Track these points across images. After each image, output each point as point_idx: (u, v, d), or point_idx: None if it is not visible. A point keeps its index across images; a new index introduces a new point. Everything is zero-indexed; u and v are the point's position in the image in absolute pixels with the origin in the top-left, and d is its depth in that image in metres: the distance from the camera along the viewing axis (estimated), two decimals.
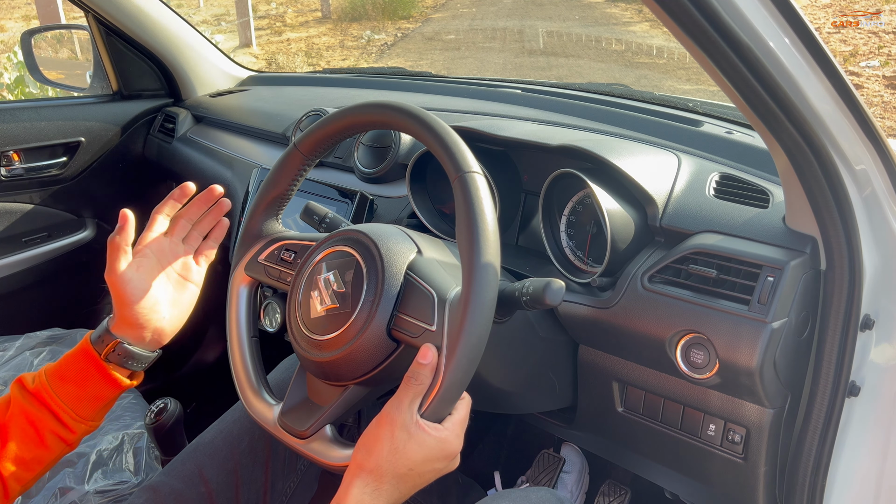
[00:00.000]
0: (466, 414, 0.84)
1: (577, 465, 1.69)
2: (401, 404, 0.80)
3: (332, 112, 0.98)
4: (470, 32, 10.21)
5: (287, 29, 11.28)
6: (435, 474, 0.82)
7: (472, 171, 0.82)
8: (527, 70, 7.85)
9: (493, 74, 7.85)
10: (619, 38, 8.41)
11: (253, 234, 1.06)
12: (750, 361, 0.94)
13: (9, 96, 5.10)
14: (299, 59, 8.99)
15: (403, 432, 0.78)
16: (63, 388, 0.93)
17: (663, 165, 1.14)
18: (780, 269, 0.94)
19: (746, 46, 0.74)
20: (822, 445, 1.01)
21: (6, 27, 10.73)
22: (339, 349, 0.86)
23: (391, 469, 0.78)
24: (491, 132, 1.24)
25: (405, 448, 0.78)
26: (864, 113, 0.87)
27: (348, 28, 11.00)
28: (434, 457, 0.80)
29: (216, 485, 1.12)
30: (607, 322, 1.07)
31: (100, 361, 0.94)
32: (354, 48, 9.82)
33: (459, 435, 0.82)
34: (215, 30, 10.44)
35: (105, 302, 2.21)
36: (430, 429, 0.79)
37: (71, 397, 0.93)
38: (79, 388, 0.94)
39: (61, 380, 0.93)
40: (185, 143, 2.02)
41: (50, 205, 1.99)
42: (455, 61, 8.59)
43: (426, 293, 0.84)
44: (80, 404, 0.93)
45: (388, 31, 10.71)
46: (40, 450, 0.91)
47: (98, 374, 0.94)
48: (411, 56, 9.09)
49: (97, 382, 0.94)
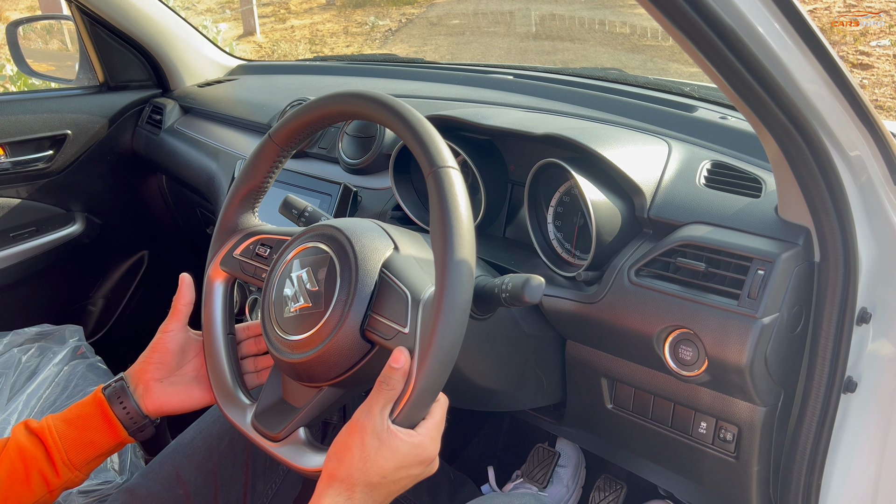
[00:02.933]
0: (442, 417, 0.81)
1: (573, 460, 1.66)
2: (371, 410, 0.77)
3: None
4: (475, 17, 10.11)
5: (291, 16, 11.21)
6: (411, 480, 0.79)
7: (446, 166, 0.78)
8: (531, 55, 7.75)
9: (498, 59, 7.77)
10: (624, 20, 8.29)
11: (228, 227, 1.03)
12: (739, 359, 0.90)
13: (12, 88, 5.09)
14: (302, 46, 8.94)
15: (374, 439, 0.75)
16: (64, 430, 0.94)
17: (652, 154, 1.10)
18: (771, 261, 0.89)
19: (729, 28, 0.70)
20: (818, 444, 0.97)
21: (11, 18, 10.71)
22: (312, 350, 0.83)
23: (363, 478, 0.76)
24: (475, 121, 1.20)
25: (377, 456, 0.75)
26: (858, 96, 0.82)
27: (352, 14, 10.91)
28: (408, 463, 0.77)
29: (194, 487, 1.09)
30: (593, 317, 1.04)
31: (105, 405, 0.95)
32: (358, 34, 9.75)
33: (435, 439, 0.79)
34: (219, 18, 10.39)
35: (95, 297, 2.19)
36: (403, 434, 0.76)
37: (68, 440, 0.93)
38: (79, 431, 0.94)
39: (64, 422, 0.94)
40: (172, 134, 1.99)
41: (37, 199, 1.97)
42: (459, 46, 8.51)
43: (400, 293, 0.81)
44: (75, 447, 0.93)
45: (392, 16, 10.62)
46: (22, 488, 0.90)
47: (101, 419, 0.95)
48: (415, 42, 9.01)
49: (98, 427, 0.95)
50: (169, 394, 0.98)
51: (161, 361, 0.98)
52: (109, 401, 0.96)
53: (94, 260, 2.14)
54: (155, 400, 0.97)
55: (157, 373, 0.98)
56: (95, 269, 2.18)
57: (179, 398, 0.98)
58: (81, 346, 1.74)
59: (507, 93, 1.58)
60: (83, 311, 2.18)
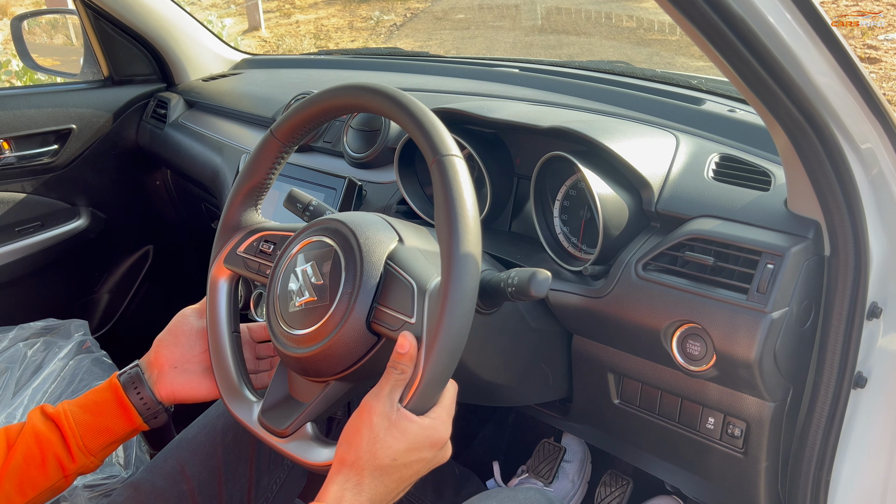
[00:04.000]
0: (453, 401, 0.80)
1: (579, 455, 1.65)
2: (380, 392, 0.77)
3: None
4: (480, 11, 10.07)
5: (296, 11, 11.19)
6: (424, 465, 0.78)
7: (450, 154, 0.77)
8: (537, 49, 7.72)
9: (503, 53, 7.74)
10: (630, 14, 8.25)
11: (231, 225, 1.02)
12: (748, 353, 0.89)
13: (17, 83, 5.07)
14: (307, 41, 8.92)
15: (384, 420, 0.75)
16: (80, 416, 0.94)
17: (660, 147, 1.09)
18: (781, 255, 0.88)
19: (739, 17, 0.69)
20: (827, 439, 0.96)
21: (16, 13, 10.73)
22: (318, 344, 0.82)
23: (371, 460, 0.75)
24: (480, 114, 1.19)
25: (385, 437, 0.75)
26: (870, 89, 0.81)
27: (357, 9, 10.88)
28: (419, 445, 0.76)
29: (198, 482, 1.09)
30: (600, 312, 1.03)
31: (120, 391, 0.96)
32: (363, 29, 9.73)
33: (446, 422, 0.78)
34: (224, 13, 10.38)
35: (100, 291, 2.19)
36: (413, 416, 0.75)
37: (84, 425, 0.94)
38: (94, 417, 0.95)
39: (80, 407, 0.95)
40: (176, 128, 1.98)
41: (43, 193, 1.97)
42: (464, 41, 8.48)
43: (406, 283, 0.81)
44: (90, 433, 0.94)
45: (397, 11, 10.59)
46: (38, 472, 0.91)
47: (116, 405, 0.96)
48: (420, 36, 8.99)
49: (113, 414, 0.96)
50: (182, 381, 0.98)
51: (175, 344, 0.99)
52: (125, 387, 0.97)
53: (100, 254, 2.14)
54: (168, 385, 0.97)
55: (171, 355, 0.98)
56: (100, 263, 2.18)
57: (191, 386, 0.99)
58: (87, 341, 1.74)
59: (513, 86, 1.57)
60: (88, 305, 2.18)
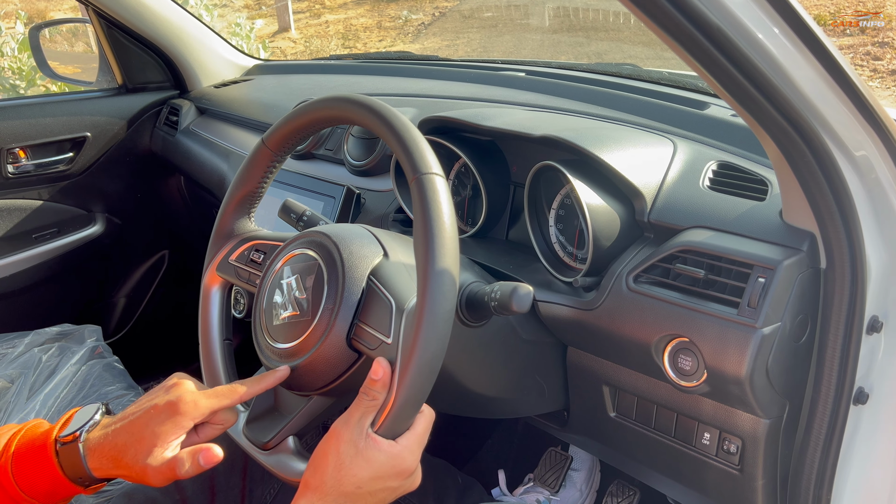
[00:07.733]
0: (426, 430, 0.79)
1: (587, 463, 1.62)
2: (349, 419, 0.76)
3: None
4: (508, 9, 10.02)
5: (326, 11, 11.25)
6: (389, 493, 0.78)
7: (430, 173, 0.76)
8: (565, 47, 7.66)
9: (530, 52, 7.69)
10: None
11: (224, 233, 1.03)
12: (738, 370, 0.86)
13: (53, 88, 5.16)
14: (335, 41, 8.97)
15: (351, 447, 0.74)
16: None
17: (655, 155, 1.06)
18: (772, 269, 0.85)
19: (715, 26, 0.66)
20: (826, 457, 0.92)
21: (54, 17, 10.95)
22: (300, 359, 0.82)
23: (336, 487, 0.74)
24: (474, 121, 1.17)
25: (351, 464, 0.74)
26: (862, 94, 0.77)
27: (386, 9, 10.91)
28: (385, 474, 0.75)
29: (191, 492, 1.09)
30: (591, 324, 1.00)
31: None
32: (391, 28, 9.75)
33: (415, 451, 0.77)
34: (255, 14, 10.49)
35: (116, 297, 2.22)
36: (381, 444, 0.75)
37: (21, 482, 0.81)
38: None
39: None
40: (187, 135, 2.00)
41: (58, 200, 2.00)
42: (492, 39, 8.45)
43: (385, 301, 0.80)
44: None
45: (425, 10, 10.58)
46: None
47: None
48: (448, 35, 8.97)
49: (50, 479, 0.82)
50: (117, 472, 0.81)
51: (127, 444, 0.79)
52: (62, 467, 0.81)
53: (115, 260, 2.17)
54: (103, 470, 0.81)
55: (117, 454, 0.80)
56: (116, 269, 2.21)
57: (125, 475, 0.81)
58: (99, 346, 1.76)
59: (519, 91, 1.55)
60: (105, 310, 2.21)
